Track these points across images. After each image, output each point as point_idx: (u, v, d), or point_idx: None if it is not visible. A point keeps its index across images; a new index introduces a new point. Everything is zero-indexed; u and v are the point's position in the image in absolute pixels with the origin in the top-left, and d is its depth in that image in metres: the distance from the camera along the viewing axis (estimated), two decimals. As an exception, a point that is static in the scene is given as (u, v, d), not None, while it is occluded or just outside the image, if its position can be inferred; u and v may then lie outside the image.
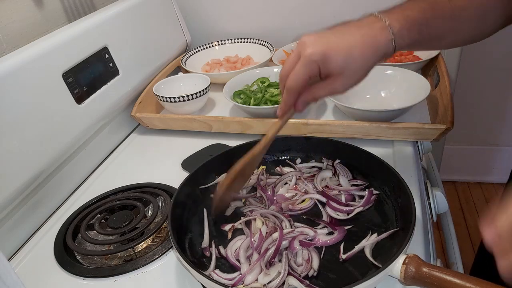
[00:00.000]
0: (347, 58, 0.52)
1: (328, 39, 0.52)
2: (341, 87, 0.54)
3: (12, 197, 0.67)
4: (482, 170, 2.04)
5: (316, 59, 0.52)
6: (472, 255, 0.94)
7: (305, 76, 0.53)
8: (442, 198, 0.81)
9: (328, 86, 0.55)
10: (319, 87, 0.55)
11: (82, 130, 0.82)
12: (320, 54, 0.51)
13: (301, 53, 0.53)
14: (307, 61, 0.52)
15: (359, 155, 0.71)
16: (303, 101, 0.56)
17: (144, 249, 0.67)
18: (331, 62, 0.52)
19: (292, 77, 0.54)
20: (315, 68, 0.52)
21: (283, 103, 0.57)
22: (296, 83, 0.54)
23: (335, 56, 0.51)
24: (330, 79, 0.54)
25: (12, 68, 0.69)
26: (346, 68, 0.52)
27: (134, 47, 0.99)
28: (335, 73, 0.53)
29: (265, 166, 0.77)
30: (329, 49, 0.51)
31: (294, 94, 0.55)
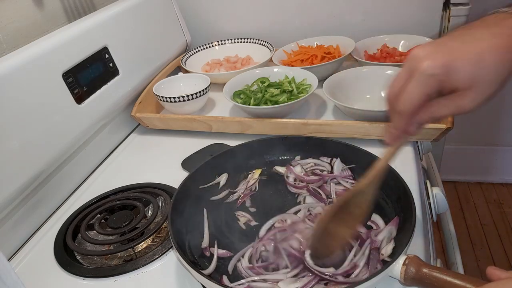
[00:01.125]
0: (478, 68, 0.41)
1: (449, 46, 0.43)
2: (471, 104, 0.43)
3: (12, 197, 0.67)
4: (482, 170, 2.04)
5: (437, 73, 0.42)
6: (472, 255, 0.94)
7: (423, 96, 0.43)
8: (442, 198, 0.81)
9: (452, 103, 0.44)
10: (441, 105, 0.44)
11: (82, 130, 0.82)
12: (442, 66, 0.41)
13: (415, 68, 0.43)
14: (424, 77, 0.42)
15: (359, 155, 0.71)
16: (419, 123, 0.46)
17: (144, 249, 0.67)
18: (458, 74, 0.41)
19: (406, 98, 0.44)
20: (436, 84, 0.42)
21: (393, 128, 0.47)
22: (410, 105, 0.44)
23: (462, 67, 0.41)
24: (455, 94, 0.43)
25: (12, 68, 0.69)
26: (478, 80, 0.42)
27: (134, 47, 0.99)
28: (462, 87, 0.42)
29: (261, 169, 0.77)
30: (452, 58, 0.41)
31: (407, 117, 0.45)
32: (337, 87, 0.92)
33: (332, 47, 1.11)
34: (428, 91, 0.43)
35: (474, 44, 0.42)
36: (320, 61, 1.06)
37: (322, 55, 1.07)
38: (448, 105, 0.44)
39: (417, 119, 0.46)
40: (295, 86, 0.95)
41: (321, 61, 1.06)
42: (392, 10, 1.16)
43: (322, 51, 1.09)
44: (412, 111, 0.45)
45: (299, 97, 0.91)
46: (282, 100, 0.91)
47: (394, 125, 0.47)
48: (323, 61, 1.05)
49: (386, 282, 0.54)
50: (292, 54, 1.14)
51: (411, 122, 0.46)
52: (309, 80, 0.96)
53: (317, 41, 1.16)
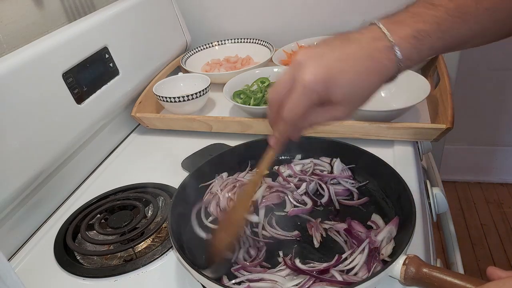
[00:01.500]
0: (352, 87, 0.46)
1: (328, 61, 0.46)
2: (343, 115, 0.49)
3: (12, 197, 0.67)
4: (482, 170, 2.04)
5: (317, 89, 0.45)
6: (472, 255, 0.94)
7: (305, 107, 0.47)
8: (442, 198, 0.81)
9: (327, 113, 0.49)
10: (318, 114, 0.49)
11: (82, 130, 0.82)
12: (322, 82, 0.45)
13: (298, 78, 0.46)
14: (307, 91, 0.46)
15: (359, 155, 0.71)
16: (300, 129, 0.51)
17: (144, 249, 0.67)
18: (334, 91, 0.46)
19: (290, 108, 0.47)
20: (316, 98, 0.46)
21: (278, 133, 0.52)
22: (294, 115, 0.48)
23: (338, 85, 0.46)
24: (330, 106, 0.48)
25: (12, 68, 0.69)
26: (350, 97, 0.47)
27: (134, 47, 0.99)
28: (336, 102, 0.47)
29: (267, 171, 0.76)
30: (331, 77, 0.45)
31: (291, 125, 0.49)
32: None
33: (332, 47, 1.11)
34: (309, 103, 0.47)
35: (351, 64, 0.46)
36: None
37: (322, 55, 1.07)
38: (324, 114, 0.49)
39: (299, 126, 0.50)
40: (295, 86, 0.95)
41: (321, 61, 1.05)
42: (392, 10, 1.15)
43: (322, 51, 1.08)
44: (295, 121, 0.49)
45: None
46: (282, 100, 0.91)
47: (280, 131, 0.51)
48: (323, 61, 1.05)
49: (386, 282, 0.54)
50: (292, 54, 1.14)
51: (295, 130, 0.51)
52: (309, 80, 0.96)
53: (317, 41, 1.15)
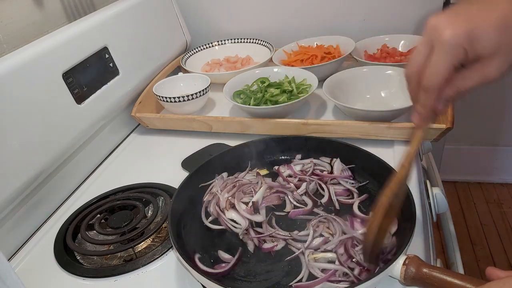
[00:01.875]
0: (501, 32, 0.40)
1: (468, 13, 0.41)
2: (496, 72, 0.42)
3: (12, 197, 0.67)
4: (482, 170, 2.04)
5: (461, 42, 0.40)
6: (472, 255, 0.94)
7: (449, 67, 0.42)
8: (442, 198, 0.81)
9: (477, 74, 0.43)
10: (465, 77, 0.43)
11: (82, 130, 0.82)
12: (465, 33, 0.40)
13: (436, 39, 0.41)
14: (448, 47, 0.41)
15: (359, 155, 0.71)
16: (446, 99, 0.45)
17: (144, 249, 0.67)
18: (481, 41, 0.40)
19: (432, 71, 0.42)
20: (461, 54, 0.41)
21: (421, 107, 0.46)
22: (437, 78, 0.42)
23: (485, 33, 0.40)
24: (479, 63, 0.42)
25: (12, 68, 0.69)
26: (502, 45, 0.40)
27: (134, 47, 0.99)
28: (487, 55, 0.41)
29: (268, 171, 0.77)
30: (474, 25, 0.40)
31: (436, 93, 0.44)
32: (337, 87, 0.92)
33: (332, 47, 1.11)
34: (453, 61, 0.41)
35: (494, 7, 0.40)
36: (320, 61, 1.06)
37: (322, 55, 1.07)
38: (472, 76, 0.43)
39: (444, 96, 0.44)
40: (295, 86, 0.95)
41: (321, 61, 1.06)
42: (392, 10, 1.16)
43: (322, 51, 1.09)
44: (440, 85, 0.43)
45: (299, 97, 0.91)
46: (282, 100, 0.91)
47: (422, 104, 0.45)
48: (323, 61, 1.05)
49: (386, 282, 0.54)
50: (292, 54, 1.14)
51: (440, 100, 0.44)
52: (309, 80, 0.96)
53: (317, 41, 1.16)
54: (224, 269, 0.57)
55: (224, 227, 0.65)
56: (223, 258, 0.60)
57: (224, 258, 0.60)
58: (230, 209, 0.66)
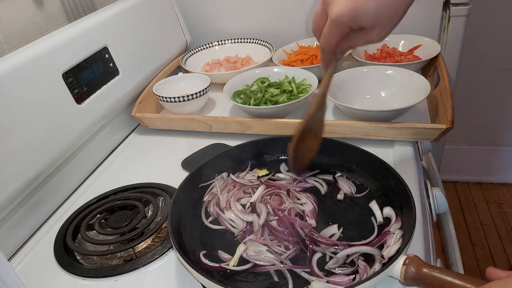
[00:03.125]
0: (379, 10, 0.48)
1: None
2: (378, 37, 0.51)
3: (12, 197, 0.67)
4: (482, 170, 2.04)
5: (345, 20, 0.49)
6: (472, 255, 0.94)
7: (337, 37, 0.52)
8: (442, 198, 0.81)
9: (363, 37, 0.52)
10: (355, 38, 0.53)
11: (82, 130, 0.82)
12: (349, 14, 0.48)
13: (328, 13, 0.50)
14: (336, 23, 0.50)
15: (359, 155, 0.71)
16: (342, 51, 0.56)
17: (144, 249, 0.67)
18: (362, 18, 0.49)
19: (324, 39, 0.53)
20: (346, 28, 0.50)
21: (322, 60, 0.58)
22: (329, 44, 0.53)
23: (365, 12, 0.48)
24: (364, 30, 0.51)
25: (12, 68, 0.69)
26: (379, 19, 0.49)
27: (134, 47, 0.99)
28: (368, 27, 0.50)
29: (268, 172, 0.76)
30: (357, 6, 0.48)
31: (330, 52, 0.54)
32: (337, 87, 0.91)
33: (332, 47, 1.11)
34: (340, 33, 0.51)
35: None
36: (320, 61, 1.05)
37: (322, 55, 1.07)
38: (360, 38, 0.53)
39: (339, 48, 0.55)
40: (295, 86, 0.95)
41: (321, 61, 1.05)
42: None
43: (322, 51, 1.08)
44: (332, 49, 0.54)
45: (299, 97, 0.91)
46: (282, 100, 0.91)
47: (322, 59, 0.58)
48: (323, 61, 1.05)
49: (386, 282, 0.54)
50: (292, 54, 1.14)
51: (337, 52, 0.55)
52: (309, 80, 0.96)
53: (317, 41, 1.16)
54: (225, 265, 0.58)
55: (224, 227, 0.65)
56: (223, 258, 0.60)
57: (224, 258, 0.60)
58: (229, 209, 0.66)
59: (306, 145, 0.62)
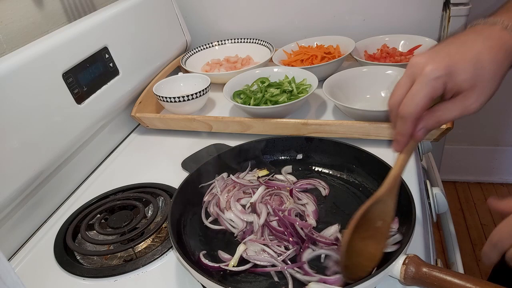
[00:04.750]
0: (477, 67, 0.44)
1: (447, 52, 0.46)
2: (476, 103, 0.45)
3: (12, 197, 0.67)
4: (482, 170, 2.04)
5: (440, 75, 0.44)
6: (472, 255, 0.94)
7: (427, 98, 0.45)
8: (442, 198, 0.81)
9: (458, 105, 0.46)
10: (447, 109, 0.46)
11: (82, 130, 0.82)
12: (444, 68, 0.44)
13: (418, 73, 0.45)
14: (428, 79, 0.44)
15: (359, 155, 0.71)
16: (425, 128, 0.47)
17: (144, 249, 0.67)
18: (460, 75, 0.44)
19: (409, 101, 0.45)
20: (440, 86, 0.45)
21: (399, 135, 0.48)
22: (414, 108, 0.45)
23: (463, 68, 0.44)
24: (459, 96, 0.46)
25: (12, 68, 0.69)
26: (478, 79, 0.45)
27: (134, 47, 1.00)
28: (466, 88, 0.45)
29: (268, 172, 0.77)
30: (453, 61, 0.44)
31: (412, 121, 0.46)
32: (337, 87, 0.92)
33: (332, 47, 1.11)
34: (433, 93, 0.44)
35: (470, 47, 0.45)
36: (320, 61, 1.06)
37: (322, 55, 1.07)
38: (453, 108, 0.46)
39: (423, 124, 0.47)
40: (295, 86, 0.95)
41: (321, 61, 1.06)
42: (392, 10, 1.16)
43: (322, 51, 1.09)
44: (417, 114, 0.45)
45: (299, 97, 0.91)
46: (282, 100, 0.91)
47: (399, 132, 0.48)
48: (323, 61, 1.05)
49: (386, 282, 0.54)
50: (292, 54, 1.14)
51: (417, 127, 0.47)
52: (309, 80, 0.96)
53: (317, 41, 1.16)
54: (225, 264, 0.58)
55: (224, 228, 0.65)
56: (223, 258, 0.60)
57: (224, 258, 0.60)
58: (229, 210, 0.66)
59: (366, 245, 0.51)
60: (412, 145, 0.50)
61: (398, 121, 0.47)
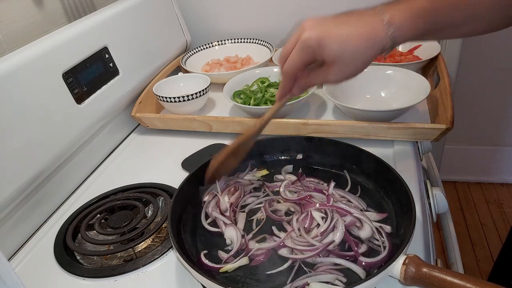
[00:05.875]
0: (341, 47, 0.51)
1: (327, 26, 0.52)
2: (334, 77, 0.54)
3: (12, 197, 0.67)
4: (482, 170, 2.05)
5: (311, 45, 0.52)
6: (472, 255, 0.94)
7: (300, 61, 0.54)
8: (442, 198, 0.81)
9: (321, 74, 0.55)
10: (314, 74, 0.56)
11: (82, 130, 0.82)
12: (316, 39, 0.51)
13: (299, 37, 0.53)
14: (302, 46, 0.52)
15: (359, 155, 0.71)
16: (299, 86, 0.58)
17: (144, 249, 0.67)
18: (325, 48, 0.51)
19: (288, 61, 0.55)
20: (310, 53, 0.53)
21: (281, 86, 0.59)
22: (291, 68, 0.55)
23: (330, 43, 0.51)
24: (324, 66, 0.54)
25: (12, 68, 0.69)
26: (340, 57, 0.52)
27: (134, 47, 0.99)
28: (329, 61, 0.53)
29: (268, 172, 0.77)
30: (325, 35, 0.51)
31: (290, 78, 0.56)
32: (337, 87, 0.92)
33: (332, 47, 1.11)
34: (304, 58, 0.53)
35: (345, 28, 0.52)
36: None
37: (322, 55, 1.07)
38: (319, 75, 0.55)
39: (298, 83, 0.57)
40: (295, 86, 0.95)
41: (321, 61, 1.05)
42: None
43: (322, 51, 1.08)
44: (294, 73, 0.56)
45: (299, 97, 0.91)
46: (282, 100, 0.91)
47: (281, 85, 0.59)
48: (323, 61, 1.05)
49: (386, 282, 0.54)
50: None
51: (295, 85, 0.58)
52: (309, 80, 0.96)
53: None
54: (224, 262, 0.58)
55: (221, 231, 0.64)
56: (223, 258, 0.60)
57: (224, 258, 0.60)
58: (230, 226, 0.64)
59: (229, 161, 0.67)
60: (287, 98, 0.61)
61: (282, 75, 0.57)
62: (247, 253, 0.59)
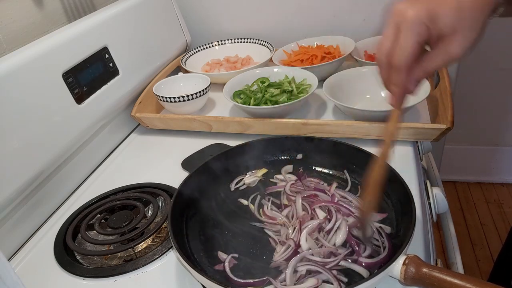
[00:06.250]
0: (458, 11, 0.44)
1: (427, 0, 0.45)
2: (459, 48, 0.45)
3: (12, 197, 0.67)
4: (482, 170, 2.04)
5: (423, 20, 0.44)
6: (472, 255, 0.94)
7: (416, 44, 0.45)
8: (442, 198, 0.81)
9: (442, 52, 0.46)
10: (432, 57, 0.47)
11: (82, 130, 0.82)
12: (426, 12, 0.44)
13: (401, 21, 0.45)
14: (412, 26, 0.44)
15: (359, 155, 0.71)
16: (416, 80, 0.48)
17: (144, 249, 0.67)
18: (440, 19, 0.44)
19: (400, 50, 0.46)
20: (424, 31, 0.45)
21: (395, 87, 0.49)
22: (406, 56, 0.46)
23: (443, 12, 0.44)
24: (442, 43, 0.46)
25: (12, 68, 0.69)
26: (460, 22, 0.44)
27: (134, 47, 1.00)
28: (448, 33, 0.45)
29: (267, 170, 0.77)
30: (433, 5, 0.44)
31: (406, 71, 0.47)
32: (337, 87, 0.92)
33: (332, 47, 1.11)
34: (419, 38, 0.45)
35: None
36: (320, 61, 1.06)
37: (322, 55, 1.07)
38: (438, 55, 0.47)
39: (413, 76, 0.48)
40: (295, 86, 0.95)
41: (321, 61, 1.06)
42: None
43: (322, 51, 1.09)
44: (410, 63, 0.46)
45: (299, 97, 0.91)
46: (282, 100, 0.91)
47: (394, 84, 0.49)
48: (323, 61, 1.05)
49: (386, 282, 0.54)
50: (292, 54, 1.14)
51: (410, 80, 0.48)
52: (309, 80, 0.96)
53: (317, 41, 1.16)
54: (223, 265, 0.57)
55: None
56: (222, 258, 0.60)
57: (223, 259, 0.60)
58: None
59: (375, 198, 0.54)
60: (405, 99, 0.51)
61: (392, 73, 0.48)
62: None
